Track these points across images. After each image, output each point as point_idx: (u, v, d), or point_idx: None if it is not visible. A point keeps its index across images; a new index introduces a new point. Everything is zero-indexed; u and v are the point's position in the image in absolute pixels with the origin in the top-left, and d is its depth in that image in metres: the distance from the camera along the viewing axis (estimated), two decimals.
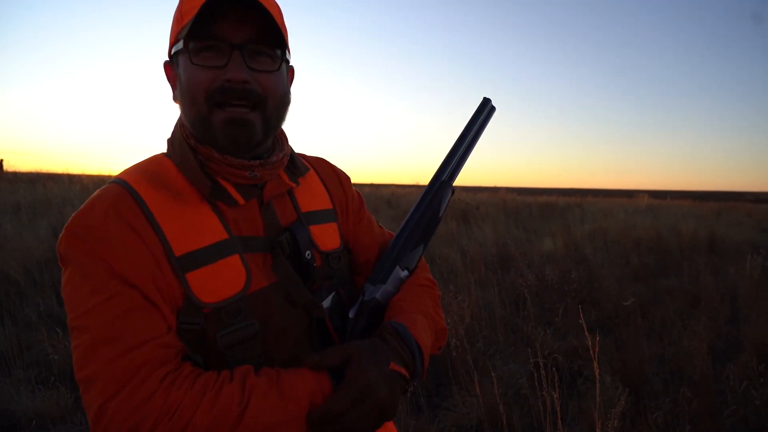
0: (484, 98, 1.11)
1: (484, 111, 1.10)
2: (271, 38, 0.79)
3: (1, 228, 6.19)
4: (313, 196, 0.96)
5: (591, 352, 2.21)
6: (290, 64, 0.89)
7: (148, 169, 0.83)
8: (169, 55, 0.85)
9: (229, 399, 0.69)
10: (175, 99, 0.85)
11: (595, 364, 2.15)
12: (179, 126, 0.86)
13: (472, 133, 1.08)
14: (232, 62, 0.76)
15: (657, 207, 13.15)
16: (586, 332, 2.30)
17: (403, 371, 0.80)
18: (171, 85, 0.86)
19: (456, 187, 1.09)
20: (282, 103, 0.84)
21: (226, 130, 0.78)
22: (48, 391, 2.83)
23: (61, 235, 0.75)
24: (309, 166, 0.98)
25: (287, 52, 0.84)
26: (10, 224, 6.43)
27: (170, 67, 0.86)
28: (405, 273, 0.98)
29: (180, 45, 0.79)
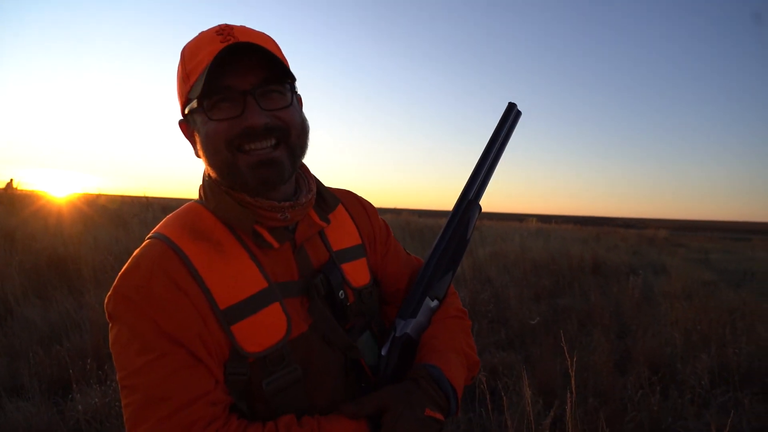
0: (510, 103, 1.03)
1: (509, 117, 1.02)
2: (278, 75, 0.79)
3: None
4: (343, 233, 0.96)
5: (517, 370, 2.41)
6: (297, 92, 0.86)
7: (186, 221, 0.82)
8: (183, 115, 0.84)
9: None
10: (197, 154, 0.84)
11: (526, 383, 2.35)
12: (208, 177, 0.86)
13: (498, 143, 1.01)
14: (248, 109, 0.76)
15: (546, 230, 14.15)
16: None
17: (438, 416, 0.82)
18: (190, 142, 0.85)
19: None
20: (303, 131, 0.84)
21: (255, 172, 0.78)
22: None
23: (108, 294, 0.74)
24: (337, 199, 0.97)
25: (294, 82, 0.83)
26: None
27: (185, 125, 0.85)
28: (435, 303, 0.98)
29: (194, 104, 0.78)
